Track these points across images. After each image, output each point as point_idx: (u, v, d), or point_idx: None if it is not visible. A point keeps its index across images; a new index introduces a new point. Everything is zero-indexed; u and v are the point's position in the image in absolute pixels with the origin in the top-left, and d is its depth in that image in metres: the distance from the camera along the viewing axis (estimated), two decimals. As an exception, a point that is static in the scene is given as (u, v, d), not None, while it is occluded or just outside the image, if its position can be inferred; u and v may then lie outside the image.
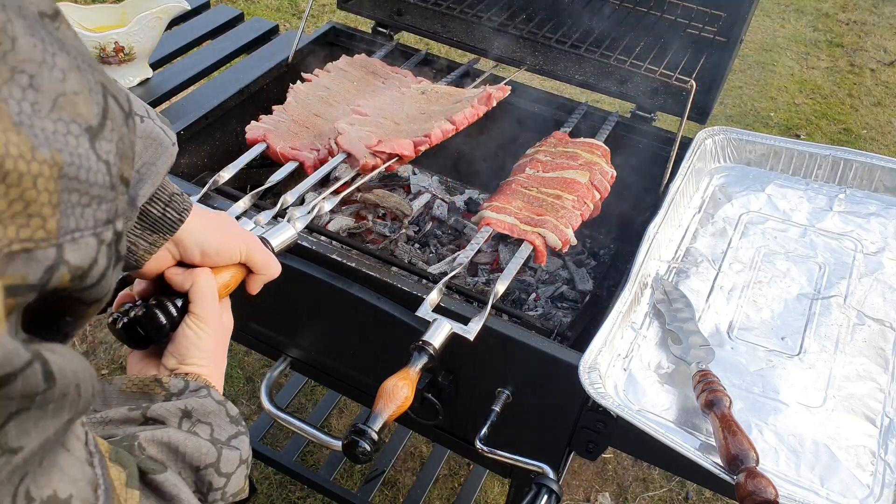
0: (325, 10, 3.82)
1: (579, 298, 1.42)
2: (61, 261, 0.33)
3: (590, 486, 1.99)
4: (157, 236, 0.69)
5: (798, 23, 4.09)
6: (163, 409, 0.61)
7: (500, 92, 1.31)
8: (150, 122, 0.67)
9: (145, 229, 0.68)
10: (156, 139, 0.67)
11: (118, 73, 1.44)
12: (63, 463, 0.37)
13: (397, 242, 1.49)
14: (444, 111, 1.28)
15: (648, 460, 1.40)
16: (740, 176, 1.32)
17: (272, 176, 1.20)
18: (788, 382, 0.97)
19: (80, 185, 0.33)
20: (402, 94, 1.36)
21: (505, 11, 1.48)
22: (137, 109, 0.66)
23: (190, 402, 0.62)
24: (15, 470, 0.32)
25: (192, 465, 0.59)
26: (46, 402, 0.33)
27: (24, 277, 0.31)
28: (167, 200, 0.69)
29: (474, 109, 1.25)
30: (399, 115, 1.28)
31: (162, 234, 0.69)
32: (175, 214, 0.70)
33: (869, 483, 0.85)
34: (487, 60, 1.57)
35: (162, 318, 0.67)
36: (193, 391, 0.64)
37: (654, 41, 1.40)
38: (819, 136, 3.29)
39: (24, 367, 0.30)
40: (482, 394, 1.11)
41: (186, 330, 0.68)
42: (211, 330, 0.69)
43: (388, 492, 1.93)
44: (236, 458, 0.63)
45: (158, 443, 0.58)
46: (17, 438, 0.32)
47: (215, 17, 1.75)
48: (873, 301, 1.08)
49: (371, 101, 1.31)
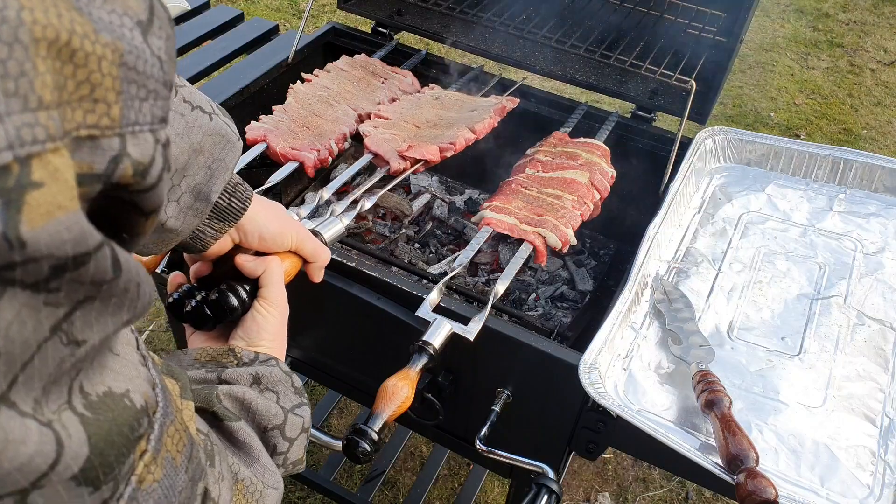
0: (325, 10, 3.82)
1: (579, 298, 1.42)
2: (124, 152, 0.32)
3: (590, 486, 1.99)
4: (223, 224, 0.73)
5: (798, 23, 4.09)
6: (235, 374, 0.64)
7: (511, 103, 1.38)
8: (218, 119, 0.70)
9: (213, 218, 0.72)
10: (224, 136, 0.70)
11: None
12: (115, 365, 0.36)
13: (397, 242, 1.49)
14: (461, 118, 1.32)
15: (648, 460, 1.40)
16: (740, 176, 1.32)
17: (272, 176, 1.20)
18: (788, 382, 0.97)
19: (137, 77, 0.32)
20: (417, 99, 1.39)
21: (505, 12, 1.48)
22: (204, 106, 0.69)
23: (260, 369, 0.66)
24: (75, 364, 0.32)
25: (260, 424, 0.62)
26: (111, 295, 0.32)
27: (90, 166, 0.30)
28: (232, 191, 0.73)
29: (492, 120, 1.31)
30: (419, 118, 1.33)
31: (228, 221, 0.73)
32: (239, 203, 0.74)
33: (869, 483, 0.85)
34: (485, 60, 1.57)
35: (234, 301, 0.71)
36: (263, 361, 0.67)
37: (653, 41, 1.40)
38: (819, 136, 3.29)
39: (96, 249, 0.30)
40: (482, 394, 1.11)
41: (255, 314, 0.71)
42: (278, 313, 0.73)
43: (388, 492, 1.93)
44: (300, 424, 0.66)
45: (233, 397, 0.60)
46: (82, 330, 0.31)
47: (215, 17, 1.75)
48: (873, 301, 1.08)
49: (391, 106, 1.36)
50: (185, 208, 0.68)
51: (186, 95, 0.68)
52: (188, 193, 0.68)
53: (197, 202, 0.69)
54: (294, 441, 0.65)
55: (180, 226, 0.69)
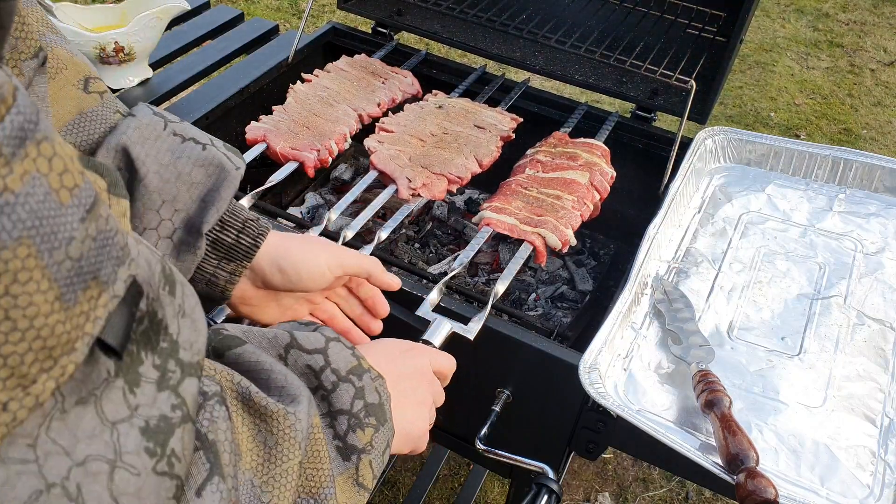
0: (325, 10, 3.82)
1: (579, 298, 1.42)
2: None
3: (590, 486, 1.99)
4: (234, 265, 0.69)
5: (798, 23, 4.09)
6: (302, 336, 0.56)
7: (514, 122, 1.39)
8: (213, 149, 0.67)
9: (221, 258, 0.68)
10: (218, 165, 0.67)
11: (118, 73, 1.44)
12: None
13: (397, 242, 1.49)
14: (466, 133, 1.33)
15: (648, 460, 1.40)
16: (740, 176, 1.32)
17: (272, 176, 1.20)
18: (788, 382, 0.97)
19: None
20: (421, 109, 1.39)
21: (505, 12, 1.48)
22: (199, 138, 0.67)
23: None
24: None
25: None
26: None
27: None
28: (240, 227, 0.69)
29: (498, 151, 1.32)
30: (423, 132, 1.33)
31: (238, 261, 0.69)
32: (249, 240, 0.69)
33: (869, 483, 0.85)
34: (486, 60, 1.57)
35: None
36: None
37: (654, 41, 1.40)
38: (819, 136, 3.29)
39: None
40: (482, 394, 1.11)
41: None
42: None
43: (388, 492, 1.93)
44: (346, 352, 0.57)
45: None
46: None
47: (215, 17, 1.75)
48: (873, 301, 1.08)
49: (395, 118, 1.36)
50: (178, 244, 0.65)
51: (178, 129, 0.66)
52: (181, 229, 0.65)
53: (188, 236, 0.65)
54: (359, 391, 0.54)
55: (180, 266, 0.65)
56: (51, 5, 1.41)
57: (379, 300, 0.87)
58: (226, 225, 0.69)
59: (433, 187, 1.23)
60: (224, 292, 0.70)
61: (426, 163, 1.26)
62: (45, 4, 1.41)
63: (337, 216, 1.18)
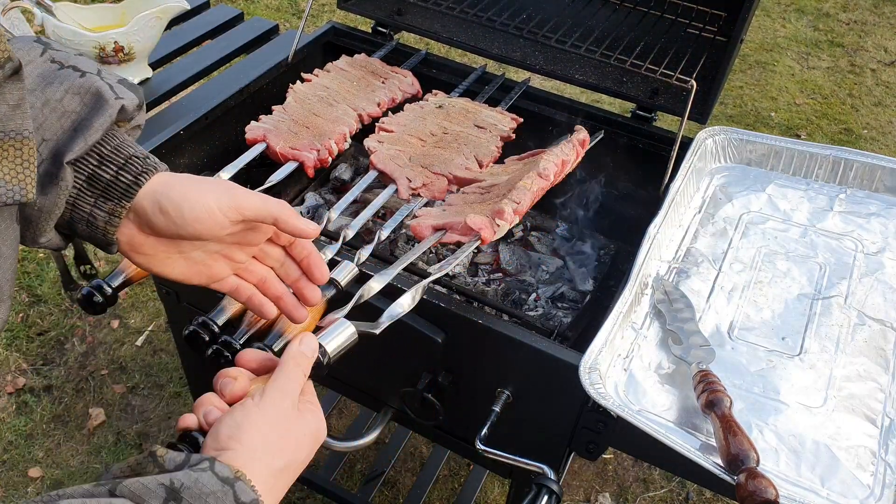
0: (325, 10, 3.82)
1: (579, 298, 1.42)
2: None
3: (590, 487, 1.99)
4: (112, 204, 0.62)
5: (798, 23, 4.08)
6: (138, 485, 0.49)
7: (514, 122, 1.38)
8: (92, 77, 0.62)
9: (98, 196, 0.62)
10: (96, 93, 0.61)
11: (118, 72, 1.44)
12: None
13: (397, 242, 1.49)
14: (466, 133, 1.33)
15: (649, 461, 1.40)
16: (741, 176, 1.31)
17: (272, 176, 1.20)
18: (789, 383, 0.97)
19: None
20: (421, 108, 1.39)
21: (505, 11, 1.48)
22: (81, 65, 0.62)
23: (181, 477, 0.50)
24: None
25: None
26: None
27: None
28: (121, 164, 0.63)
29: (498, 150, 1.31)
30: (423, 131, 1.33)
31: (117, 200, 0.62)
32: (129, 177, 0.63)
33: (869, 483, 0.85)
34: (486, 60, 1.57)
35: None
36: (193, 465, 0.52)
37: (654, 41, 1.40)
38: (820, 136, 3.28)
39: None
40: (482, 394, 1.11)
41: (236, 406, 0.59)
42: (272, 412, 0.59)
43: (388, 492, 1.92)
44: None
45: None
46: None
47: (215, 17, 1.75)
48: (874, 301, 1.08)
49: (395, 117, 1.36)
50: (43, 176, 0.59)
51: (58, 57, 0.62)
52: (48, 160, 0.59)
53: (53, 167, 0.59)
54: None
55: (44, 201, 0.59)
56: (51, 5, 1.41)
57: (315, 260, 0.74)
58: (105, 159, 0.63)
59: (433, 187, 1.22)
60: (106, 235, 0.63)
61: (426, 163, 1.25)
62: (45, 4, 1.40)
63: (337, 216, 1.18)
